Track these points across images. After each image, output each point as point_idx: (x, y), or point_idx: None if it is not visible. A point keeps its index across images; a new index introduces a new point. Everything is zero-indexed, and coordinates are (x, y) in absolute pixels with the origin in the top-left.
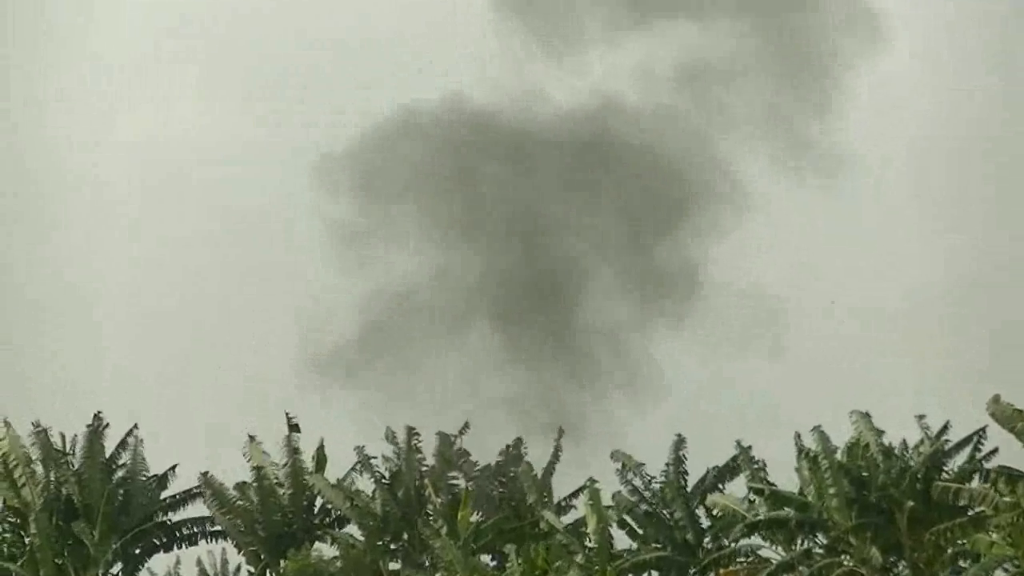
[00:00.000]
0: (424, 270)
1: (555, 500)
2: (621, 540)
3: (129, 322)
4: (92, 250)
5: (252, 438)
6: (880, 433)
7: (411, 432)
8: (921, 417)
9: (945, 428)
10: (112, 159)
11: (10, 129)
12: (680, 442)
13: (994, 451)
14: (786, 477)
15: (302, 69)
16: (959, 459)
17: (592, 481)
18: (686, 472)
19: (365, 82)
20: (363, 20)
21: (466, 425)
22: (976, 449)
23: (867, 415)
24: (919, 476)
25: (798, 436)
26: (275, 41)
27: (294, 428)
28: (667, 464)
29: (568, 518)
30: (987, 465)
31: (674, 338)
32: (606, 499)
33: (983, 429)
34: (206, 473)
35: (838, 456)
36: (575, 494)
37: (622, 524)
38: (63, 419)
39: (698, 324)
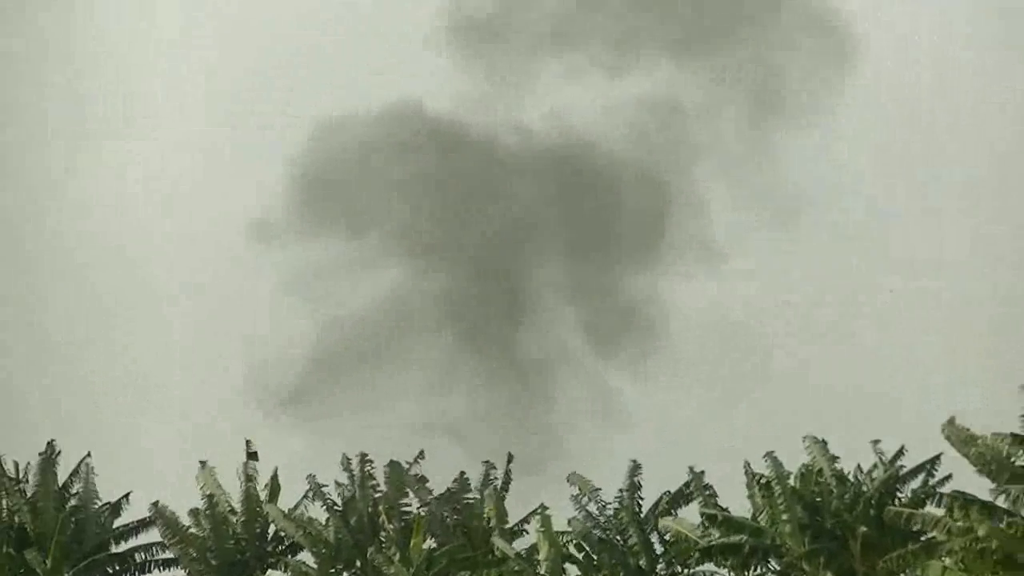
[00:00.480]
0: (380, 295)
1: (509, 526)
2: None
3: (81, 349)
4: (42, 281)
5: (203, 463)
6: (834, 459)
7: (363, 459)
8: (876, 442)
9: (900, 453)
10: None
11: None
12: (635, 468)
13: (948, 477)
14: (738, 504)
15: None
16: (915, 484)
17: (543, 508)
18: (641, 498)
19: (324, 93)
20: (322, 29)
21: (421, 453)
22: (930, 475)
23: (822, 441)
24: (872, 502)
25: (747, 464)
26: (236, 53)
27: (252, 456)
28: (621, 490)
29: (525, 544)
30: (942, 491)
31: (634, 366)
32: (561, 525)
33: (938, 456)
34: (156, 502)
35: (791, 482)
36: (526, 519)
37: (579, 548)
38: (16, 447)
39: (658, 353)
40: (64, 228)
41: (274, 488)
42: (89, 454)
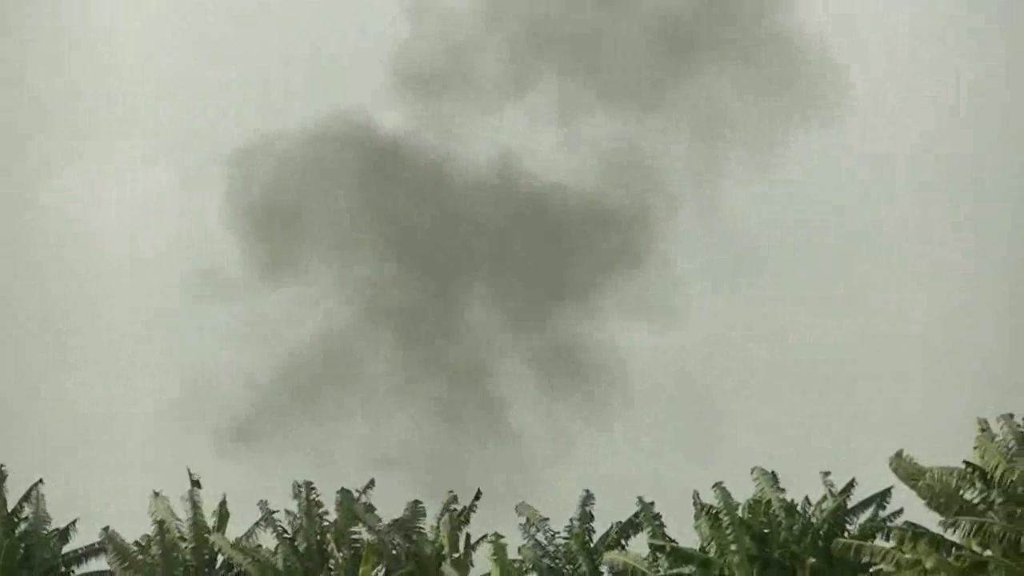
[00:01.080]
0: (330, 321)
1: (457, 555)
2: None
3: (32, 374)
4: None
5: (157, 493)
6: (782, 490)
7: (308, 486)
8: (826, 474)
9: (850, 485)
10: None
11: None
12: (588, 498)
13: (899, 511)
14: (687, 535)
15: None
16: (865, 517)
17: (498, 536)
18: (592, 529)
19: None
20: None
21: (371, 482)
22: (880, 507)
23: (770, 473)
24: (821, 533)
25: (696, 494)
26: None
27: (196, 484)
28: (571, 520)
29: (475, 573)
30: (893, 524)
31: (586, 404)
32: (513, 554)
33: (888, 489)
34: (107, 528)
35: (740, 512)
36: (473, 547)
37: None
38: None
39: (612, 388)
40: (16, 251)
41: (223, 515)
42: (41, 480)
